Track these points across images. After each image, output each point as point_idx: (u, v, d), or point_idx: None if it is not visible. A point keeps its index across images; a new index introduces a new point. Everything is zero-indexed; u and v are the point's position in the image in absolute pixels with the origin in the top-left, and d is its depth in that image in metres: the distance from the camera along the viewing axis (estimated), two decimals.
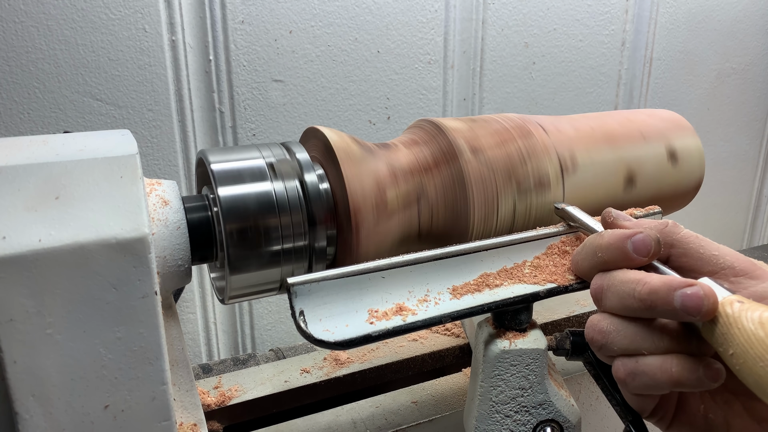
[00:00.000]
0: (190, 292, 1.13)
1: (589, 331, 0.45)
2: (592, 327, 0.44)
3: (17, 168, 0.39)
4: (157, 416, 0.42)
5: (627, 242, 0.44)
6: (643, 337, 0.41)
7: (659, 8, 1.40)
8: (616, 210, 0.50)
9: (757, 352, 0.35)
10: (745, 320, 0.36)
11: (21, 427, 0.38)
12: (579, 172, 0.61)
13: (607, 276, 0.44)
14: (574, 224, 0.55)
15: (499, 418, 0.52)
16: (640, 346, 0.41)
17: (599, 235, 0.47)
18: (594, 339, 0.44)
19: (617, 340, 0.42)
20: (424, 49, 1.17)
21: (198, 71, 1.02)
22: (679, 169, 0.67)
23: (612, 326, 0.43)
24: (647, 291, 0.40)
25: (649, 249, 0.43)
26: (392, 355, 0.74)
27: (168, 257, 0.48)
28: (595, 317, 0.45)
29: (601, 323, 0.44)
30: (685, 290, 0.38)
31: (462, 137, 0.57)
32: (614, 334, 0.43)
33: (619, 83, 1.42)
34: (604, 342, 0.43)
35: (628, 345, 0.42)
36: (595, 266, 0.46)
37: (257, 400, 0.67)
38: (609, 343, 0.43)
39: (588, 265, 0.47)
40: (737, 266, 0.43)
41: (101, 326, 0.39)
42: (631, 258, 0.44)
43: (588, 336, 0.45)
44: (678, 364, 0.40)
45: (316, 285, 0.47)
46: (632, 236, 0.44)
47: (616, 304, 0.43)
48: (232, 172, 0.51)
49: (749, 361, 0.35)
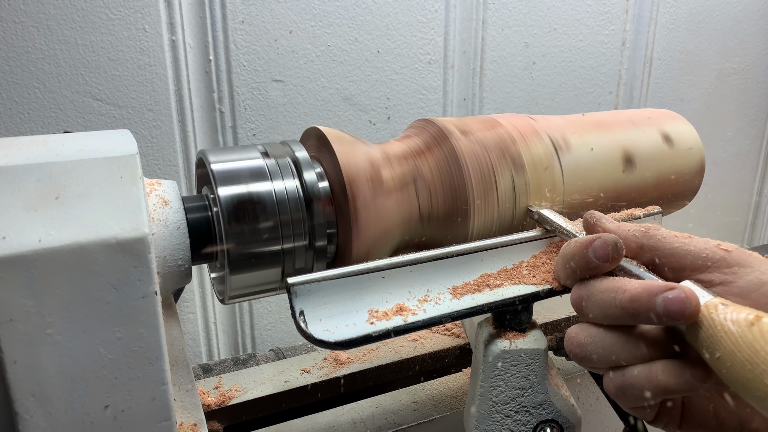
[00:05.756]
0: (190, 292, 1.13)
1: (568, 345, 0.44)
2: (570, 340, 0.44)
3: (17, 168, 0.39)
4: (157, 416, 0.42)
5: (589, 249, 0.43)
6: (621, 347, 0.41)
7: (659, 8, 1.40)
8: (599, 212, 0.49)
9: (745, 354, 0.34)
10: (731, 323, 0.35)
11: (21, 427, 0.38)
12: (573, 152, 0.61)
13: (585, 285, 0.44)
14: (550, 228, 0.54)
15: (499, 418, 0.52)
16: (619, 357, 0.41)
17: (567, 245, 0.46)
18: (573, 352, 0.43)
19: (596, 352, 0.42)
20: (424, 49, 1.17)
21: (198, 71, 1.02)
22: (677, 150, 0.67)
23: (590, 338, 0.42)
24: (628, 298, 0.39)
25: (607, 253, 0.43)
26: (392, 355, 0.74)
27: (168, 257, 0.48)
28: (573, 329, 0.44)
29: (579, 336, 0.43)
30: (667, 294, 0.37)
31: (450, 122, 0.59)
32: (592, 346, 0.42)
33: (619, 83, 1.42)
34: (583, 355, 0.43)
35: (607, 356, 0.41)
36: (569, 276, 0.46)
37: (257, 400, 0.67)
38: (589, 356, 0.42)
39: (564, 275, 0.47)
40: (728, 257, 0.42)
41: (101, 326, 0.39)
42: (595, 264, 0.43)
43: (568, 349, 0.44)
44: (663, 371, 0.39)
45: (316, 285, 0.47)
46: (592, 243, 0.43)
47: (598, 314, 0.42)
48: (232, 172, 0.51)
49: (736, 364, 0.35)
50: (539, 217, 0.56)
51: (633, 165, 0.64)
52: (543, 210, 0.56)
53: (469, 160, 0.56)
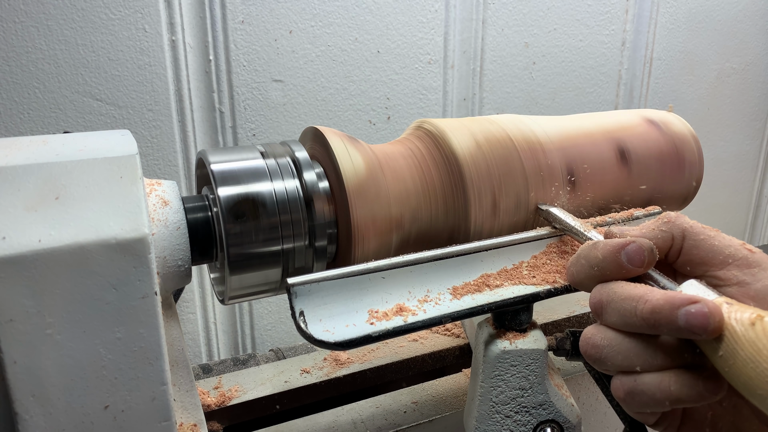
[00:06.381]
0: (190, 292, 1.13)
1: (583, 345, 0.44)
2: (587, 341, 0.43)
3: (17, 168, 0.39)
4: (157, 416, 0.42)
5: (621, 253, 0.43)
6: (637, 353, 0.40)
7: (659, 8, 1.40)
8: (617, 227, 0.49)
9: (748, 353, 0.34)
10: (735, 322, 0.35)
11: (21, 427, 0.38)
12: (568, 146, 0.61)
13: (606, 290, 0.43)
14: (559, 226, 0.54)
15: (499, 418, 0.52)
16: (634, 363, 0.40)
17: (593, 247, 0.45)
18: (588, 353, 0.43)
19: (611, 356, 0.41)
20: (424, 49, 1.17)
21: (198, 71, 1.02)
22: (664, 132, 0.66)
23: (606, 341, 0.42)
24: (649, 310, 0.39)
25: (643, 259, 0.42)
26: (392, 356, 0.74)
27: (168, 257, 0.48)
28: (589, 330, 0.44)
29: (596, 337, 0.43)
30: (689, 308, 0.37)
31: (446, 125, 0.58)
32: (608, 350, 0.42)
33: (619, 83, 1.42)
34: (598, 357, 0.42)
35: (621, 361, 0.41)
36: (591, 279, 0.45)
37: (257, 401, 0.67)
38: (603, 358, 0.42)
39: (584, 278, 0.46)
40: (750, 258, 0.42)
41: (101, 326, 0.39)
42: (627, 269, 0.43)
43: (582, 350, 0.44)
44: (677, 382, 0.38)
45: (316, 285, 0.47)
46: (626, 246, 0.43)
47: (617, 320, 0.42)
48: (231, 173, 0.51)
49: (739, 362, 0.35)
50: (548, 216, 0.56)
51: (629, 158, 0.63)
52: (552, 208, 0.56)
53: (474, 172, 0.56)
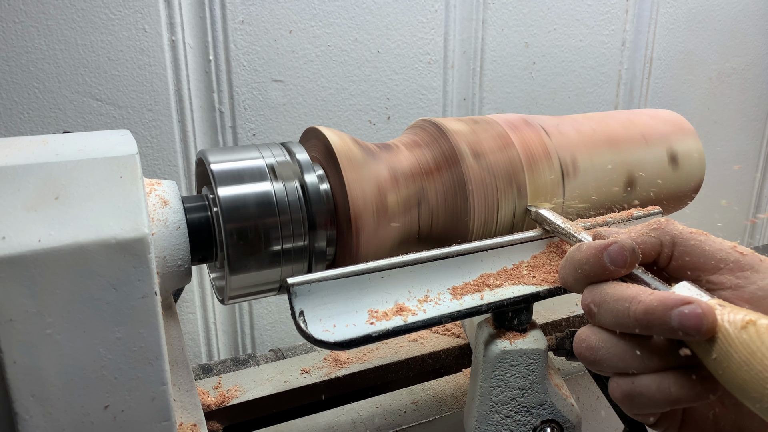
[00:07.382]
0: (190, 292, 1.13)
1: (577, 347, 0.43)
2: (580, 343, 0.43)
3: (17, 168, 0.39)
4: (157, 416, 0.42)
5: (604, 254, 0.42)
6: (632, 355, 0.40)
7: (659, 8, 1.39)
8: (606, 229, 0.48)
9: (741, 356, 0.34)
10: (728, 324, 0.35)
11: (21, 427, 0.38)
12: (580, 177, 0.61)
13: (597, 291, 0.42)
14: (549, 228, 0.54)
15: (499, 418, 0.52)
16: (629, 365, 0.40)
17: (577, 249, 0.45)
18: (582, 355, 0.43)
19: (606, 358, 0.41)
20: (424, 49, 1.17)
21: (198, 71, 1.02)
22: (679, 174, 0.67)
23: (601, 342, 0.41)
24: (642, 310, 0.38)
25: (625, 259, 0.42)
26: (392, 356, 0.74)
27: (168, 257, 0.48)
28: (583, 331, 0.43)
29: (590, 339, 0.42)
30: (683, 309, 0.36)
31: (464, 141, 0.57)
32: (603, 351, 0.41)
33: (619, 83, 1.42)
34: (593, 358, 0.42)
35: (617, 363, 0.41)
36: (579, 281, 0.45)
37: (257, 401, 0.67)
38: (598, 360, 0.42)
39: (572, 280, 0.46)
40: (742, 261, 0.41)
41: (101, 326, 0.39)
42: (610, 270, 0.42)
43: (576, 351, 0.43)
44: (676, 383, 0.38)
45: (316, 285, 0.47)
46: (608, 247, 0.42)
47: (610, 321, 0.41)
48: (231, 173, 0.51)
49: (733, 365, 0.34)
50: (537, 217, 0.56)
51: (634, 188, 0.64)
52: (542, 210, 0.56)
53: (477, 191, 0.56)
